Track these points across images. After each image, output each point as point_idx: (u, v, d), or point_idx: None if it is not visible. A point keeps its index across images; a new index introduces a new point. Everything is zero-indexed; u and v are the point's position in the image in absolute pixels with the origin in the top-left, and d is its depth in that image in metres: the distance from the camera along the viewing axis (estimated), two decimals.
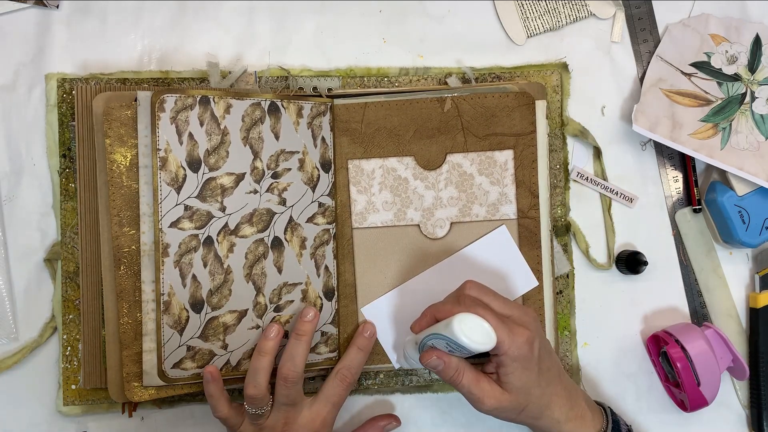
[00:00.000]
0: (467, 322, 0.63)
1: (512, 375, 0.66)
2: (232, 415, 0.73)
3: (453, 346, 0.64)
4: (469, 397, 0.68)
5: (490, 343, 0.63)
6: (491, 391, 0.67)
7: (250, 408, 0.72)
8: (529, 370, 0.67)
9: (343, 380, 0.75)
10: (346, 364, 0.76)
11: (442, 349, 0.66)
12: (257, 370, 0.71)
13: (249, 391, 0.71)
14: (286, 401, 0.72)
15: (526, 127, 0.79)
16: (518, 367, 0.66)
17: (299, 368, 0.72)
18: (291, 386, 0.72)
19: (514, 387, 0.67)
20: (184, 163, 0.71)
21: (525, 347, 0.65)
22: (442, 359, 0.66)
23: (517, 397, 0.68)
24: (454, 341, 0.63)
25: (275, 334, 0.73)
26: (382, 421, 0.81)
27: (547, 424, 0.70)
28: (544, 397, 0.69)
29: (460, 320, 0.62)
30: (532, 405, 0.68)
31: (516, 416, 0.69)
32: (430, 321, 0.69)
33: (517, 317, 0.67)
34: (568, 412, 0.70)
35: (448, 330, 0.63)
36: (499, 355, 0.66)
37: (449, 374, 0.67)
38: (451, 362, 0.67)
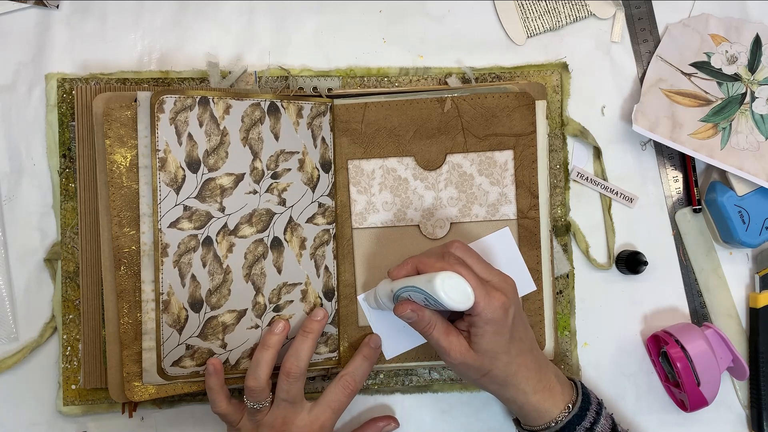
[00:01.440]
0: (449, 281, 0.63)
1: (482, 337, 0.67)
2: (230, 411, 0.73)
3: (430, 300, 0.65)
4: (438, 348, 0.69)
5: (467, 303, 0.64)
6: (459, 345, 0.68)
7: (250, 401, 0.72)
8: (500, 336, 0.67)
9: (345, 387, 0.75)
10: (350, 371, 0.76)
11: (418, 301, 0.67)
12: (259, 362, 0.72)
13: (249, 383, 0.71)
14: (286, 397, 0.72)
15: (526, 127, 0.79)
16: (489, 330, 0.67)
17: (303, 365, 0.72)
18: (293, 382, 0.72)
19: (482, 348, 0.67)
20: (184, 164, 0.71)
21: (499, 311, 0.66)
22: (416, 312, 0.67)
23: (483, 359, 0.68)
24: (433, 297, 0.63)
25: (281, 330, 0.73)
26: (381, 422, 0.81)
27: (513, 393, 0.71)
28: (511, 366, 0.69)
29: (442, 278, 0.63)
30: (498, 371, 0.69)
31: (480, 378, 0.70)
32: (411, 272, 0.70)
33: (497, 283, 0.68)
34: (535, 384, 0.71)
35: (429, 286, 0.63)
36: (473, 316, 0.66)
37: (421, 326, 0.69)
38: (425, 315, 0.68)
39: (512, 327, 0.68)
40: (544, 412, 0.71)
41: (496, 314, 0.66)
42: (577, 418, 0.71)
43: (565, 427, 0.71)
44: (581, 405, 0.72)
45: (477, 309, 0.65)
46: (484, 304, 0.65)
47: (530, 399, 0.71)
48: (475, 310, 0.65)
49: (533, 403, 0.71)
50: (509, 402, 0.72)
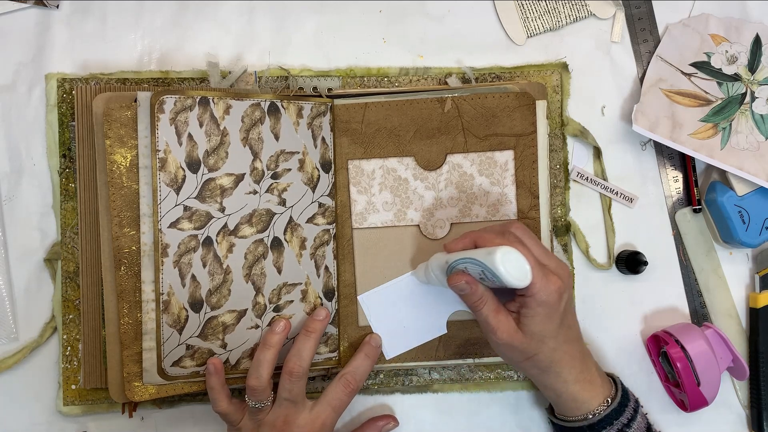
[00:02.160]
0: (509, 256, 0.63)
1: (532, 318, 0.67)
2: (231, 410, 0.73)
3: (487, 274, 0.64)
4: (485, 325, 0.69)
5: (525, 281, 0.64)
6: (507, 325, 0.68)
7: (251, 401, 0.72)
8: (551, 320, 0.67)
9: (346, 386, 0.75)
10: (351, 369, 0.76)
11: (473, 275, 0.67)
12: (260, 362, 0.72)
13: (251, 382, 0.71)
14: (288, 396, 0.72)
15: (526, 127, 0.79)
16: (541, 313, 0.66)
17: (305, 364, 0.73)
18: (295, 381, 0.72)
19: (531, 331, 0.67)
20: (184, 164, 0.71)
21: (554, 295, 0.66)
22: (470, 284, 0.67)
23: (530, 342, 0.68)
24: (491, 270, 0.63)
25: (282, 329, 0.73)
26: (381, 421, 0.81)
27: (553, 381, 0.71)
28: (557, 352, 0.69)
29: (503, 252, 0.63)
30: (543, 355, 0.68)
31: (523, 361, 0.69)
32: (469, 245, 0.69)
33: (554, 267, 0.68)
34: (577, 374, 0.70)
35: (489, 259, 0.63)
36: (527, 296, 0.66)
37: (473, 300, 0.68)
38: (478, 289, 0.67)
39: (563, 313, 0.68)
40: (583, 403, 0.71)
41: (551, 297, 0.66)
42: (615, 413, 0.71)
43: (603, 421, 0.71)
44: (620, 401, 0.72)
45: (532, 289, 0.65)
46: (540, 285, 0.65)
47: (570, 388, 0.71)
48: (530, 291, 0.65)
49: (573, 392, 0.71)
50: (547, 389, 0.72)
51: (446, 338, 0.80)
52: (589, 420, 0.71)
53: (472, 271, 0.66)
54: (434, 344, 0.80)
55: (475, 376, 0.83)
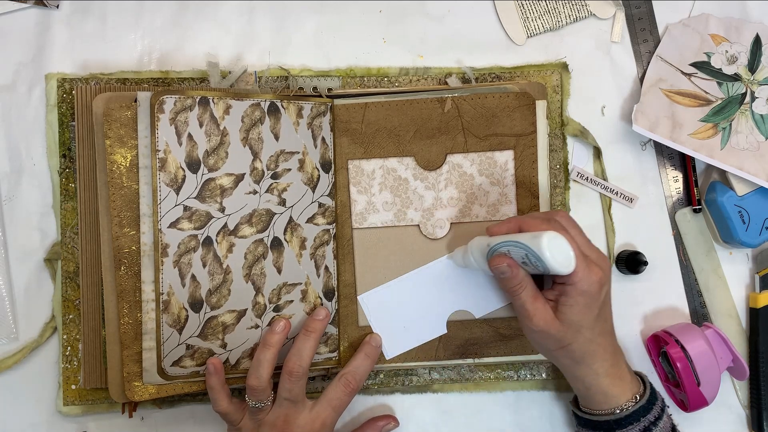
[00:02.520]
0: (556, 241, 0.63)
1: (572, 307, 0.67)
2: (232, 410, 0.73)
3: (531, 258, 0.64)
4: (522, 311, 0.69)
5: (569, 268, 0.64)
6: (544, 312, 0.68)
7: (251, 400, 0.72)
8: (589, 310, 0.67)
9: (347, 385, 0.75)
10: (351, 369, 0.76)
11: (515, 259, 0.67)
12: (260, 361, 0.72)
13: (251, 382, 0.71)
14: (288, 396, 0.72)
15: (526, 127, 0.79)
16: (581, 302, 0.66)
17: (305, 363, 0.73)
18: (295, 381, 0.72)
19: (568, 320, 0.67)
20: (183, 164, 0.71)
21: (595, 285, 0.66)
22: (511, 267, 0.67)
23: (567, 331, 0.68)
24: (536, 255, 0.63)
25: (282, 329, 0.73)
26: (381, 421, 0.81)
27: (584, 372, 0.70)
28: (591, 344, 0.69)
29: (550, 237, 0.63)
30: (577, 345, 0.68)
31: (557, 350, 0.69)
32: (513, 230, 0.69)
33: (596, 258, 0.68)
34: (608, 368, 0.70)
35: (535, 242, 0.63)
36: (567, 284, 0.66)
37: (512, 284, 0.68)
38: (519, 273, 0.67)
39: (602, 305, 0.68)
40: (612, 397, 0.71)
41: (592, 287, 0.66)
42: (643, 410, 0.70)
43: (630, 417, 0.70)
44: (649, 398, 0.71)
45: (574, 278, 0.65)
46: (583, 274, 0.65)
47: (600, 381, 0.70)
48: (572, 279, 0.65)
49: (602, 385, 0.71)
50: (577, 380, 0.72)
51: (446, 338, 0.80)
52: (616, 415, 0.71)
53: (515, 254, 0.66)
54: (434, 344, 0.80)
55: (475, 376, 0.83)
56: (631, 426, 0.70)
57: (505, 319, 0.80)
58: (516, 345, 0.80)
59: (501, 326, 0.80)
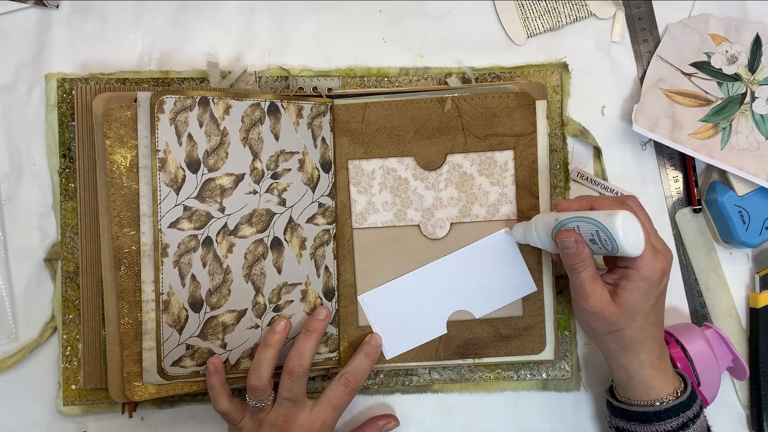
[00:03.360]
0: (630, 222, 0.63)
1: (631, 292, 0.67)
2: (232, 410, 0.73)
3: (601, 236, 0.64)
4: (579, 290, 0.69)
5: (639, 250, 0.64)
6: (602, 294, 0.68)
7: (252, 400, 0.72)
8: (648, 297, 0.67)
9: (346, 385, 0.75)
10: (351, 369, 0.76)
11: (583, 235, 0.67)
12: (261, 361, 0.72)
13: (251, 382, 0.72)
14: (288, 396, 0.72)
15: (526, 127, 0.79)
16: (641, 288, 0.66)
17: (306, 363, 0.73)
18: (295, 380, 0.72)
19: (625, 304, 0.67)
20: (183, 164, 0.71)
21: (658, 273, 0.66)
22: (578, 243, 0.67)
23: (621, 315, 0.68)
24: (608, 232, 0.63)
25: (282, 329, 0.73)
26: (381, 420, 0.81)
27: (629, 360, 0.70)
28: (642, 332, 0.69)
29: (624, 216, 0.63)
30: (628, 331, 0.68)
31: (606, 333, 0.69)
32: (585, 207, 0.69)
33: (660, 248, 0.68)
34: (654, 359, 0.70)
35: (609, 220, 0.63)
36: (631, 269, 0.66)
37: (575, 260, 0.68)
38: (584, 250, 0.67)
39: (659, 295, 0.68)
40: (653, 389, 0.70)
41: (655, 275, 0.66)
42: (683, 406, 0.70)
43: (670, 411, 0.70)
44: (689, 395, 0.71)
45: (639, 262, 0.65)
46: (648, 260, 0.65)
47: (644, 371, 0.70)
48: (637, 264, 0.66)
49: (646, 376, 0.70)
50: (620, 367, 0.71)
51: (446, 338, 0.80)
52: (656, 407, 0.70)
53: (584, 231, 0.66)
54: (434, 344, 0.80)
55: (475, 376, 0.83)
56: (669, 420, 0.70)
57: (506, 319, 0.80)
58: (516, 345, 0.80)
59: (501, 326, 0.80)
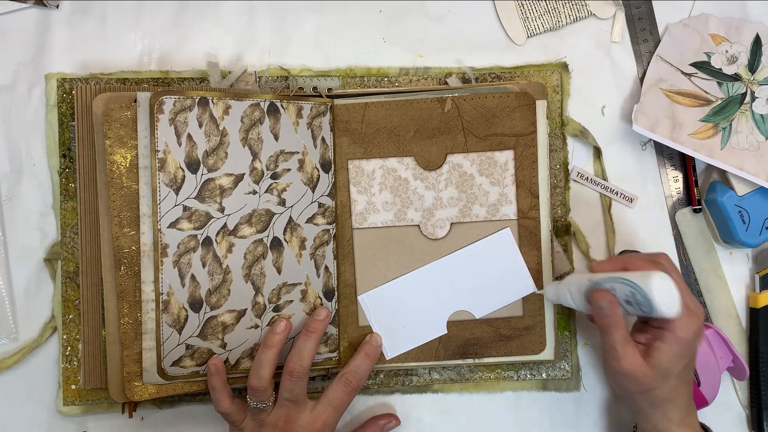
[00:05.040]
0: (665, 283, 0.63)
1: (665, 353, 0.67)
2: (234, 410, 0.73)
3: (637, 297, 0.64)
4: (611, 351, 0.68)
5: (674, 312, 0.64)
6: (634, 356, 0.67)
7: (253, 401, 0.72)
8: (681, 358, 0.67)
9: (347, 385, 0.75)
10: (351, 369, 0.76)
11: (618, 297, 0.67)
12: (261, 362, 0.72)
13: (252, 383, 0.72)
14: (289, 396, 0.72)
15: (526, 127, 0.79)
16: (675, 349, 0.66)
17: (306, 364, 0.73)
18: (296, 381, 0.72)
19: (659, 365, 0.67)
20: (183, 164, 0.71)
21: (692, 334, 0.66)
22: (612, 304, 0.67)
23: (654, 376, 0.67)
24: (644, 294, 0.63)
25: (283, 329, 0.73)
26: (382, 420, 0.81)
27: (659, 418, 0.70)
28: (674, 391, 0.68)
29: (660, 277, 0.63)
30: (660, 391, 0.68)
31: (637, 393, 0.69)
32: (617, 268, 0.69)
33: (694, 307, 0.68)
34: (683, 418, 0.70)
35: (645, 282, 0.63)
36: (666, 329, 0.66)
37: (609, 321, 0.67)
38: (617, 311, 0.67)
39: (691, 355, 0.68)
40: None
41: (689, 336, 0.66)
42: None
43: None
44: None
45: (674, 323, 0.66)
46: (683, 321, 0.65)
47: (673, 428, 0.70)
48: (672, 325, 0.66)
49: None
50: (648, 423, 0.71)
51: (446, 338, 0.80)
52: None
53: (619, 293, 0.66)
54: (434, 344, 0.80)
55: (475, 376, 0.83)
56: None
57: (506, 320, 0.80)
58: (516, 345, 0.80)
59: (501, 326, 0.80)
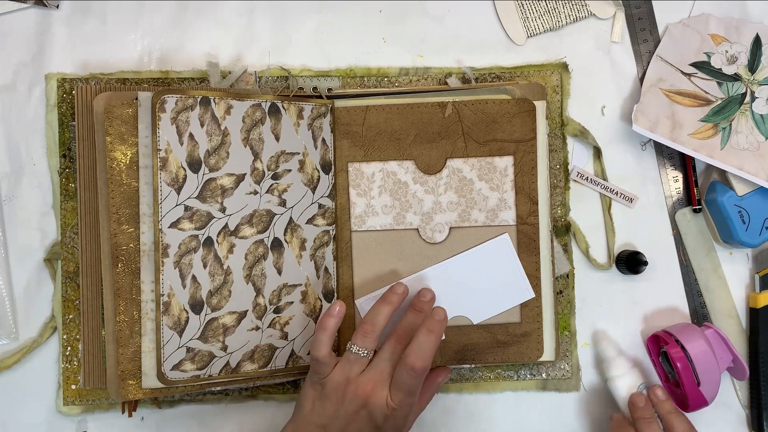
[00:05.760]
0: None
1: None
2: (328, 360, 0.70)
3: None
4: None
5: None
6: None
7: (356, 347, 0.70)
8: None
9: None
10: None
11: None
12: (379, 311, 0.71)
13: (366, 327, 0.70)
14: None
15: (526, 133, 0.79)
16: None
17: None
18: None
19: None
20: (185, 164, 0.71)
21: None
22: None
23: None
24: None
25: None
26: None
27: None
28: None
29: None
30: None
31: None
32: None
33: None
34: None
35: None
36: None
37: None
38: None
39: None
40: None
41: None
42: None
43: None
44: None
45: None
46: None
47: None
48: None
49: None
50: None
51: (443, 343, 0.80)
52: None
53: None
54: None
55: (474, 376, 0.83)
56: None
57: (503, 326, 0.80)
58: (513, 352, 0.80)
59: (498, 333, 0.80)
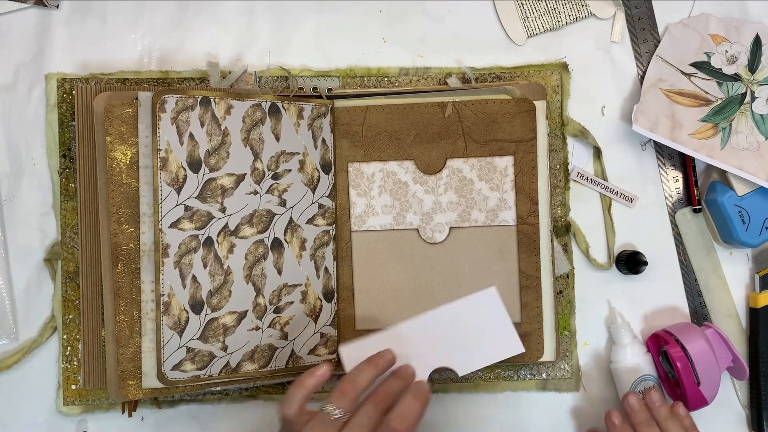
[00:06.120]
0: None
1: None
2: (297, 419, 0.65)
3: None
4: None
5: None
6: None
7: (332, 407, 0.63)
8: None
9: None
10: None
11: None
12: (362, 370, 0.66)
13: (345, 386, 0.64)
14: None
15: (526, 133, 0.79)
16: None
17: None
18: None
19: None
20: (185, 164, 0.71)
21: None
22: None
23: None
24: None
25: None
26: None
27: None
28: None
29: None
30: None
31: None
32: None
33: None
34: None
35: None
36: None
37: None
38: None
39: None
40: None
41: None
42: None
43: None
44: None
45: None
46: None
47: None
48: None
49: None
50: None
51: None
52: None
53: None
54: None
55: (474, 376, 0.83)
56: None
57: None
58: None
59: None
